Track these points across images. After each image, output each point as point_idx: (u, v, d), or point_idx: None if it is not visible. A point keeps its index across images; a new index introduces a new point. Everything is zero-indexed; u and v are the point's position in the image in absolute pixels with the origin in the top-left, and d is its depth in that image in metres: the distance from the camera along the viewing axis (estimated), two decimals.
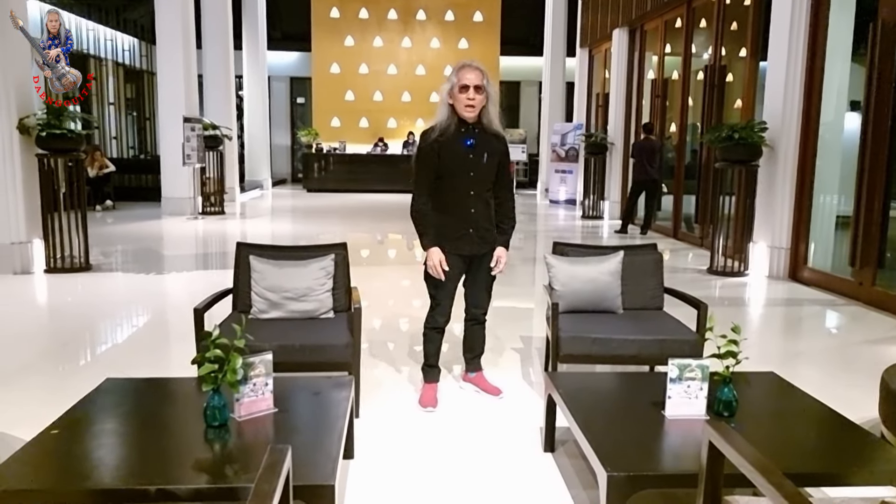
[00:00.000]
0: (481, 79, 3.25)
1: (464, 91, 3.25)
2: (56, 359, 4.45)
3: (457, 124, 3.33)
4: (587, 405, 2.73)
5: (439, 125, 3.33)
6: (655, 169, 10.08)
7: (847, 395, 3.78)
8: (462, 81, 3.24)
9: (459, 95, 3.26)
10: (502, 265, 3.51)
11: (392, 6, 19.84)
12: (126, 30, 18.50)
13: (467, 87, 3.24)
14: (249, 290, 3.64)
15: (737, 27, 8.98)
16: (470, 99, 3.24)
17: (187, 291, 6.45)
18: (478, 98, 3.25)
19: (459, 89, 3.26)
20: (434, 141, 3.31)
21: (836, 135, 7.07)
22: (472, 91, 3.24)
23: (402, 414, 3.47)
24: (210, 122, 12.40)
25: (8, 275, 6.63)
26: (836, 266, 6.84)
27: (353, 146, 19.12)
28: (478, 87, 3.24)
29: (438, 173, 3.35)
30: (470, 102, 3.25)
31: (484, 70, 3.31)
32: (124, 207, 13.11)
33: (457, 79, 3.27)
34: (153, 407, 2.66)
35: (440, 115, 3.35)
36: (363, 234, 10.84)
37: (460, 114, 3.30)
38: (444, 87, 3.33)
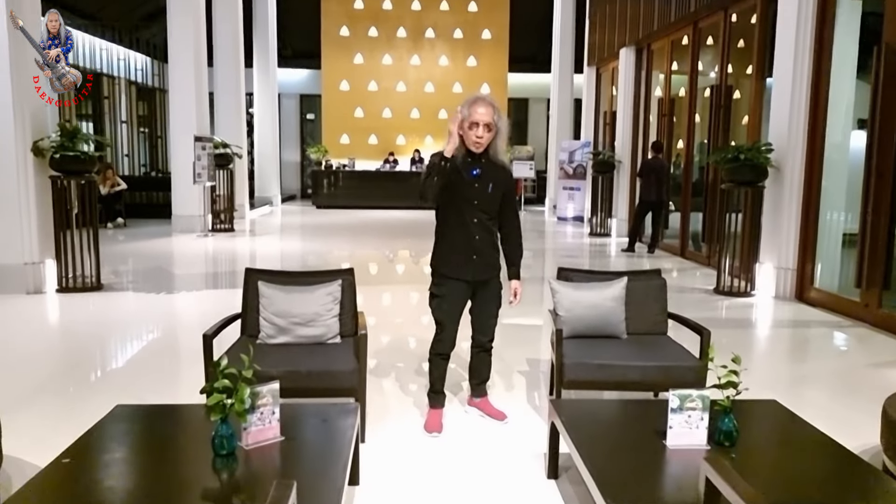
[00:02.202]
0: (492, 115, 3.32)
1: (474, 128, 3.32)
2: (67, 381, 4.51)
3: (464, 154, 3.39)
4: (589, 434, 2.76)
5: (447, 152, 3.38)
6: (663, 189, 10.10)
7: (850, 421, 3.78)
8: (473, 118, 3.31)
9: (469, 131, 3.33)
10: (519, 298, 3.60)
11: (401, 24, 20.04)
12: (139, 49, 18.77)
13: (477, 124, 3.31)
14: (258, 316, 3.69)
15: (743, 45, 9.04)
16: (479, 137, 3.33)
17: (197, 311, 6.52)
18: (486, 136, 3.34)
19: (470, 125, 3.32)
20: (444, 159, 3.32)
21: (843, 153, 7.09)
22: (481, 129, 3.32)
23: (407, 439, 3.51)
24: (221, 141, 12.54)
25: (21, 295, 6.71)
26: (843, 287, 6.84)
27: (362, 162, 19.28)
28: (488, 125, 3.32)
29: (443, 201, 3.41)
30: (478, 140, 3.34)
31: (496, 106, 3.37)
32: (135, 225, 13.25)
33: (468, 114, 3.33)
34: (162, 435, 2.71)
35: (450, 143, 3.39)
36: (372, 251, 10.91)
37: (468, 146, 3.37)
38: (455, 119, 3.38)
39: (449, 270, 3.48)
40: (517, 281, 3.62)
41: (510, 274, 3.63)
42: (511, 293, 3.60)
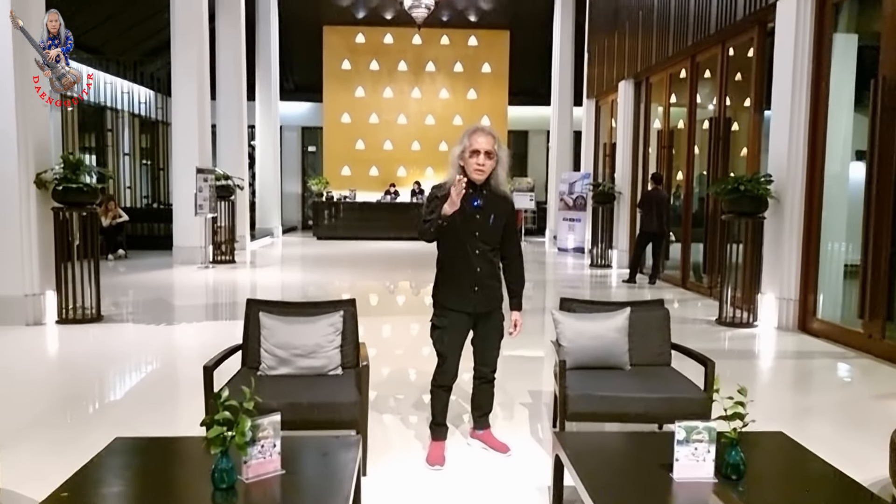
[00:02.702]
0: (492, 144, 3.35)
1: (475, 156, 3.35)
2: (65, 413, 4.47)
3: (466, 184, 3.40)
4: (594, 467, 2.72)
5: (449, 184, 3.40)
6: (664, 220, 10.12)
7: (857, 453, 3.74)
8: (473, 146, 3.34)
9: (470, 160, 3.36)
10: (519, 329, 3.60)
11: (402, 58, 20.30)
12: (143, 82, 18.98)
13: (478, 151, 3.34)
14: (259, 347, 3.67)
15: (741, 78, 9.13)
16: (480, 164, 3.35)
17: (197, 342, 6.49)
18: (487, 164, 3.36)
19: (471, 154, 3.35)
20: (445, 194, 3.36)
21: (843, 185, 7.12)
22: (482, 157, 3.34)
23: (409, 471, 3.46)
24: (222, 173, 12.61)
25: (20, 326, 6.69)
26: (846, 317, 6.81)
27: (363, 194, 19.38)
28: (488, 153, 3.34)
29: (444, 231, 3.41)
30: (480, 168, 3.35)
31: (495, 135, 3.41)
32: (136, 256, 13.26)
33: (469, 142, 3.37)
34: (161, 468, 2.67)
35: (451, 176, 3.42)
36: (372, 282, 10.89)
37: (470, 175, 3.38)
38: (456, 150, 3.41)
39: (450, 302, 3.47)
40: (518, 312, 3.62)
41: (511, 305, 3.62)
42: (511, 324, 3.60)
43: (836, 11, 6.91)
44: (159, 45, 16.81)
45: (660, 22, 10.79)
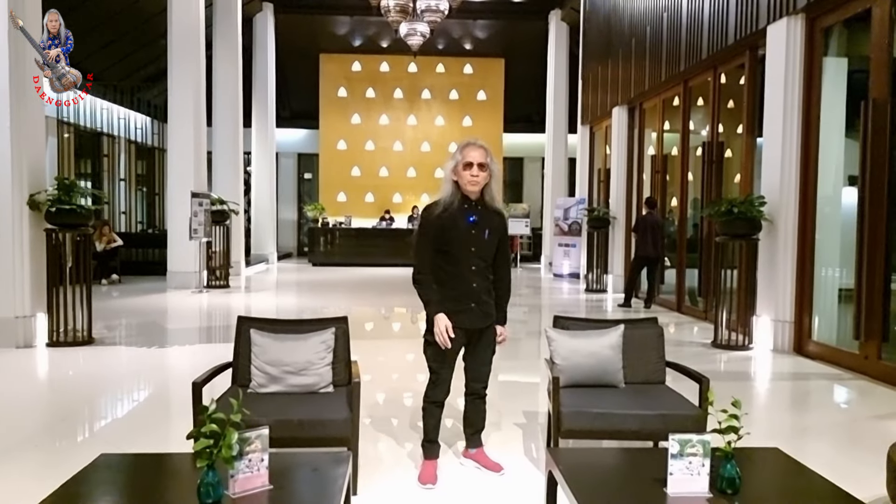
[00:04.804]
0: (485, 156, 3.37)
1: (468, 168, 3.36)
2: (53, 434, 4.40)
3: (460, 200, 3.42)
4: (588, 483, 2.68)
5: (443, 201, 3.42)
6: (659, 244, 10.13)
7: (854, 472, 3.70)
8: (466, 159, 3.35)
9: (463, 172, 3.36)
10: (504, 338, 3.62)
11: (398, 85, 20.46)
12: (139, 109, 19.07)
13: (471, 164, 3.35)
14: (249, 364, 3.63)
15: (733, 105, 9.21)
16: (474, 176, 3.35)
17: (189, 365, 6.42)
18: (481, 175, 3.37)
19: (464, 166, 3.36)
20: (437, 217, 3.40)
21: (836, 208, 7.15)
22: (475, 168, 3.35)
23: (401, 491, 3.41)
24: (218, 198, 12.61)
25: (10, 349, 6.62)
26: (842, 339, 6.79)
27: (358, 220, 19.38)
28: (481, 165, 3.36)
29: (440, 248, 3.41)
30: (474, 179, 3.36)
31: (487, 148, 3.43)
32: (130, 281, 13.19)
33: (461, 156, 3.38)
34: (146, 484, 2.61)
35: (444, 192, 3.45)
36: (368, 308, 10.84)
37: (464, 189, 3.39)
38: (449, 165, 3.43)
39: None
40: (503, 326, 3.63)
41: (498, 319, 3.60)
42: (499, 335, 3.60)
43: (826, 35, 7.00)
44: (157, 72, 16.90)
45: (652, 48, 10.91)
